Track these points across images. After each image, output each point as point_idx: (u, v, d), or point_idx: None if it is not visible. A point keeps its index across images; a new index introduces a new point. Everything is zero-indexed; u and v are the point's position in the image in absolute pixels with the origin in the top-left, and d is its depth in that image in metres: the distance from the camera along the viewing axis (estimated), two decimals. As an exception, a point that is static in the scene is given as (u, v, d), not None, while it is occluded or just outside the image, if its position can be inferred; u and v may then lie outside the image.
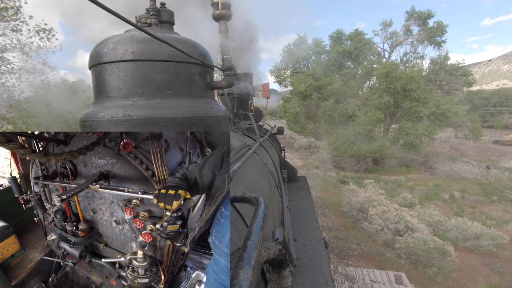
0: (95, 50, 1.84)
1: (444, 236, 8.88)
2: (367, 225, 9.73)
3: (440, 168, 19.82)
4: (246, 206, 1.91)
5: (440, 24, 22.59)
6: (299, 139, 29.45)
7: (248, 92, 5.80)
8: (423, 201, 12.51)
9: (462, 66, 22.63)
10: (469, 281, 7.18)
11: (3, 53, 8.25)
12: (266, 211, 1.06)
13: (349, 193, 12.40)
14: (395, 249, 8.29)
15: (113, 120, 1.71)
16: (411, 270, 7.44)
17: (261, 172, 3.16)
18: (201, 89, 2.04)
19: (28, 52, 8.68)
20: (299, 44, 25.83)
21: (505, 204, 12.95)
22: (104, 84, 1.81)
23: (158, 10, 2.10)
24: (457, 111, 19.53)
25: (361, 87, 24.20)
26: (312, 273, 2.77)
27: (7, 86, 8.66)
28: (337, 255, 8.19)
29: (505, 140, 31.24)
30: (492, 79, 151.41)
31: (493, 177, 16.64)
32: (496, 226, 10.36)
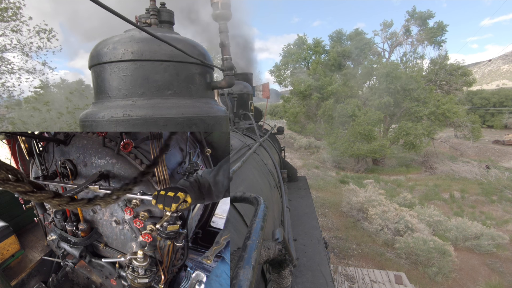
0: (95, 50, 1.84)
1: (444, 236, 8.87)
2: (367, 225, 9.73)
3: (440, 168, 19.79)
4: (246, 206, 1.91)
5: (440, 24, 22.58)
6: (299, 139, 29.46)
7: (248, 92, 5.80)
8: (423, 201, 12.50)
9: (462, 66, 22.60)
10: (469, 281, 7.17)
11: (3, 53, 8.26)
12: (266, 211, 1.06)
13: (349, 193, 12.37)
14: (395, 249, 8.29)
15: (113, 120, 1.71)
16: (411, 270, 7.44)
17: (261, 172, 3.16)
18: (201, 89, 2.04)
19: (28, 52, 8.70)
20: (299, 44, 25.80)
21: (505, 204, 12.94)
22: (104, 84, 1.81)
23: (158, 10, 2.10)
24: (457, 111, 19.49)
25: (361, 87, 24.18)
26: (312, 273, 2.77)
27: (7, 86, 8.67)
28: (337, 255, 8.19)
29: (505, 140, 31.23)
30: (492, 79, 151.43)
31: (493, 177, 16.63)
32: (496, 226, 10.35)
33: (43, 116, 9.36)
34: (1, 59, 8.29)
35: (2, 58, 8.34)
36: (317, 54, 25.31)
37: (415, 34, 23.57)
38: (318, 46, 25.15)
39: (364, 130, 19.26)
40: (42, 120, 9.24)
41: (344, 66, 24.45)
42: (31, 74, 8.85)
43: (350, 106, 20.37)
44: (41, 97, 9.82)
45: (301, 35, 25.89)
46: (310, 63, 25.25)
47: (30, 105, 9.31)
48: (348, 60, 24.34)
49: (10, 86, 8.68)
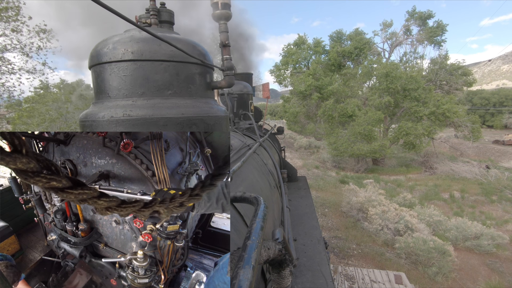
0: (95, 50, 1.84)
1: (444, 236, 8.88)
2: (367, 225, 9.75)
3: (440, 168, 19.84)
4: (246, 206, 1.91)
5: (440, 23, 22.60)
6: (299, 139, 29.49)
7: (248, 92, 5.80)
8: (423, 201, 12.51)
9: (462, 66, 22.62)
10: (469, 280, 7.19)
11: (3, 53, 8.29)
12: (266, 211, 1.06)
13: (349, 193, 12.40)
14: (395, 249, 8.31)
15: (113, 120, 1.71)
16: (411, 270, 7.45)
17: (261, 172, 3.16)
18: (201, 89, 2.04)
19: (28, 52, 8.73)
20: (299, 44, 25.80)
21: (505, 204, 12.96)
22: (104, 84, 1.81)
23: (158, 10, 2.10)
24: (457, 111, 19.50)
25: (361, 87, 24.19)
26: (312, 273, 2.77)
27: (7, 86, 8.69)
28: (337, 255, 8.21)
29: (505, 140, 31.33)
30: (492, 79, 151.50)
31: (493, 177, 16.68)
32: (496, 226, 10.36)
33: (43, 117, 9.37)
34: (1, 59, 8.32)
35: (3, 58, 8.36)
36: (317, 54, 25.31)
37: (415, 34, 23.58)
38: (318, 46, 25.13)
39: (364, 130, 19.29)
40: (41, 120, 9.26)
41: (344, 66, 24.46)
42: (31, 74, 8.90)
43: (350, 106, 20.37)
44: (41, 97, 9.84)
45: (301, 35, 25.87)
46: (310, 63, 25.25)
47: (30, 105, 9.32)
48: (348, 60, 24.35)
49: (11, 86, 8.71)
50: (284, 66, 26.24)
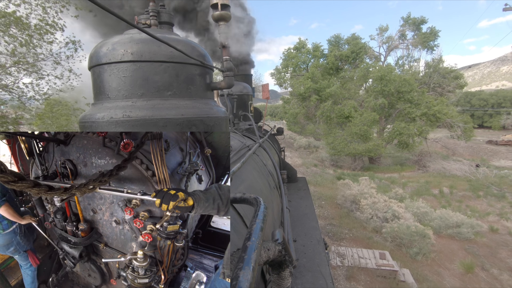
0: (94, 51, 1.84)
1: (429, 225, 9.46)
2: (359, 214, 10.54)
3: (432, 166, 20.37)
4: (245, 207, 1.91)
5: (433, 29, 23.60)
6: (298, 139, 29.61)
7: (248, 93, 5.81)
8: (414, 196, 13.01)
9: (454, 70, 23.56)
10: (446, 261, 7.94)
11: (38, 62, 8.97)
12: (265, 212, 1.06)
13: (343, 187, 13.04)
14: (382, 233, 9.14)
15: (112, 121, 1.71)
16: (395, 250, 8.24)
17: (261, 173, 3.16)
18: (200, 90, 2.04)
19: (59, 61, 9.45)
20: (300, 48, 26.22)
21: (489, 198, 13.50)
22: (104, 85, 1.82)
23: (158, 11, 2.10)
24: (447, 112, 20.22)
25: (358, 89, 24.63)
26: (311, 274, 2.77)
27: (37, 90, 9.34)
28: (331, 238, 9.05)
29: (498, 140, 32.08)
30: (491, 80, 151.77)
31: (481, 174, 17.16)
32: (478, 218, 10.96)
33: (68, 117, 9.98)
34: (37, 66, 9.01)
35: (38, 66, 9.07)
36: (316, 58, 25.77)
37: (410, 39, 24.47)
38: (317, 51, 25.69)
39: (360, 130, 19.90)
40: (66, 120, 9.89)
41: (342, 69, 24.92)
42: (58, 80, 9.60)
43: (347, 107, 20.91)
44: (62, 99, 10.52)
45: (302, 40, 26.35)
46: (309, 67, 25.61)
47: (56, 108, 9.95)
48: (346, 64, 24.76)
49: (38, 90, 9.36)
50: (284, 69, 26.66)
